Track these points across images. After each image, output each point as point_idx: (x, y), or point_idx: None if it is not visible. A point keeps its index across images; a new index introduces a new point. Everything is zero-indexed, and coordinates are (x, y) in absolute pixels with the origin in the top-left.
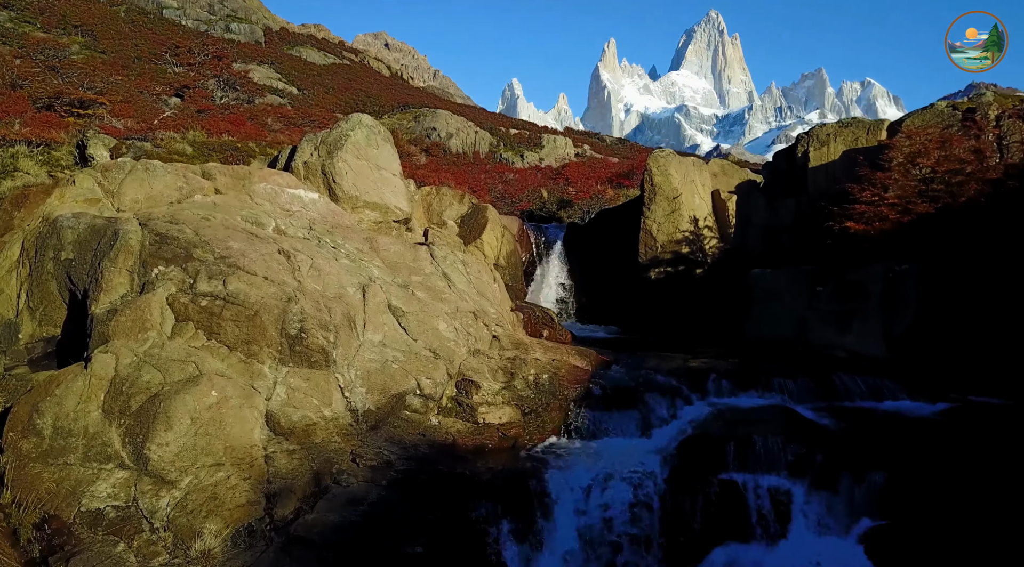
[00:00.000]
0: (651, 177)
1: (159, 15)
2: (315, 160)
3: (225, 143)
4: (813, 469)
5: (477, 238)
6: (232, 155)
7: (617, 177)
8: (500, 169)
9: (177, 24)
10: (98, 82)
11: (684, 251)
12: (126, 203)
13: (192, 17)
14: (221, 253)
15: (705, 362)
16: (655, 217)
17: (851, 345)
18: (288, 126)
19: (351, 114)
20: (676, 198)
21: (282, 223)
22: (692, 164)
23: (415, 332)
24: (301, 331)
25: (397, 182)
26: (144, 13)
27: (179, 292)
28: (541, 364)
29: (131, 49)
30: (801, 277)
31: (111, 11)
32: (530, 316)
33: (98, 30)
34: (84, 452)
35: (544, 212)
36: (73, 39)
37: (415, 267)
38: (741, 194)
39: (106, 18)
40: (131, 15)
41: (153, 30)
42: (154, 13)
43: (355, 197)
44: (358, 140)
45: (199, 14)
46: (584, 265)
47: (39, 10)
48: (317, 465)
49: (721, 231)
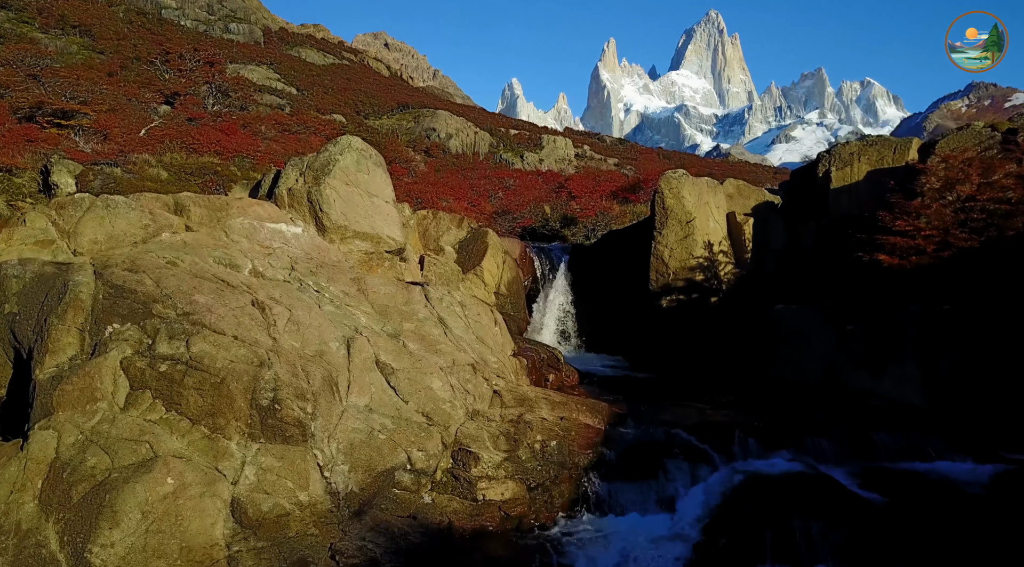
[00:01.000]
0: (663, 200)
1: (158, 15)
2: (300, 187)
3: (205, 166)
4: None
5: (477, 265)
6: (212, 180)
7: (623, 191)
8: (500, 174)
9: (176, 24)
10: (82, 91)
11: (698, 278)
12: (84, 245)
13: (191, 17)
14: (185, 309)
15: (727, 414)
16: (667, 242)
17: (886, 391)
18: (283, 133)
19: (339, 137)
20: (689, 222)
21: (260, 264)
22: (706, 185)
23: (406, 392)
24: (274, 402)
25: (390, 210)
26: (142, 13)
27: (135, 355)
28: (548, 426)
29: (129, 49)
30: (830, 316)
31: (109, 11)
32: (534, 361)
33: (96, 30)
34: (15, 554)
35: (547, 230)
36: (71, 39)
37: (408, 311)
38: (758, 217)
39: (104, 18)
40: (129, 15)
41: (151, 30)
42: (152, 13)
43: (344, 227)
44: (347, 165)
45: (198, 14)
46: (590, 290)
47: (37, 10)
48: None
49: (737, 256)
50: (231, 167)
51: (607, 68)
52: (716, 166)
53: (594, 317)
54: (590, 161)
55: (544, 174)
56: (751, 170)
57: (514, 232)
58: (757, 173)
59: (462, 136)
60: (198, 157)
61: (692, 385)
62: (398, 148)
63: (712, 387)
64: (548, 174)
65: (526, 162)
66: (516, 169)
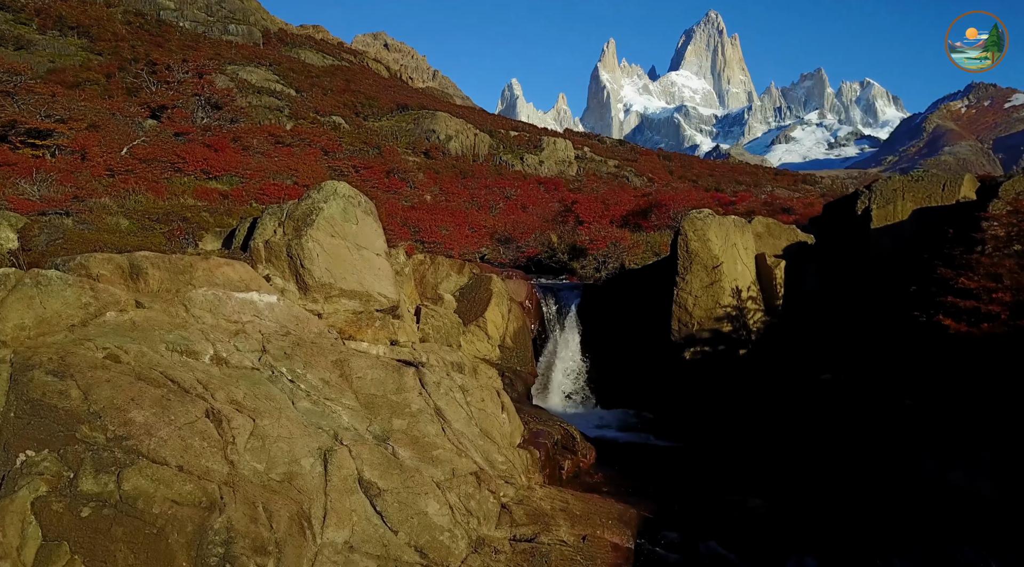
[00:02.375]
0: (686, 242)
1: (156, 16)
2: (279, 239)
3: (172, 211)
4: None
5: (480, 316)
6: (180, 228)
7: (634, 216)
8: (501, 183)
9: (174, 26)
10: (58, 109)
11: (725, 329)
12: (7, 332)
13: (189, 19)
14: (118, 431)
15: (777, 516)
16: (691, 289)
17: (957, 481)
18: (276, 146)
19: (324, 182)
20: (716, 267)
21: (224, 347)
22: (733, 225)
23: (396, 520)
24: (225, 560)
25: (381, 263)
26: (141, 14)
27: (52, 494)
28: (568, 555)
29: (127, 51)
30: (885, 389)
31: (107, 12)
32: (547, 449)
33: (94, 31)
34: None
35: (554, 261)
36: (69, 40)
37: (399, 402)
38: (790, 259)
39: (102, 19)
40: (128, 16)
41: (150, 31)
42: (151, 14)
43: (328, 285)
44: (332, 215)
45: (196, 15)
46: (604, 336)
47: (35, 11)
48: None
49: (767, 302)
50: (202, 212)
51: (607, 68)
52: (717, 167)
53: (609, 367)
54: (590, 163)
55: (546, 182)
56: (752, 172)
57: (519, 262)
58: (758, 175)
59: (462, 138)
60: (165, 200)
61: (727, 463)
62: (397, 157)
63: (751, 468)
64: (550, 182)
65: (526, 164)
66: (516, 171)
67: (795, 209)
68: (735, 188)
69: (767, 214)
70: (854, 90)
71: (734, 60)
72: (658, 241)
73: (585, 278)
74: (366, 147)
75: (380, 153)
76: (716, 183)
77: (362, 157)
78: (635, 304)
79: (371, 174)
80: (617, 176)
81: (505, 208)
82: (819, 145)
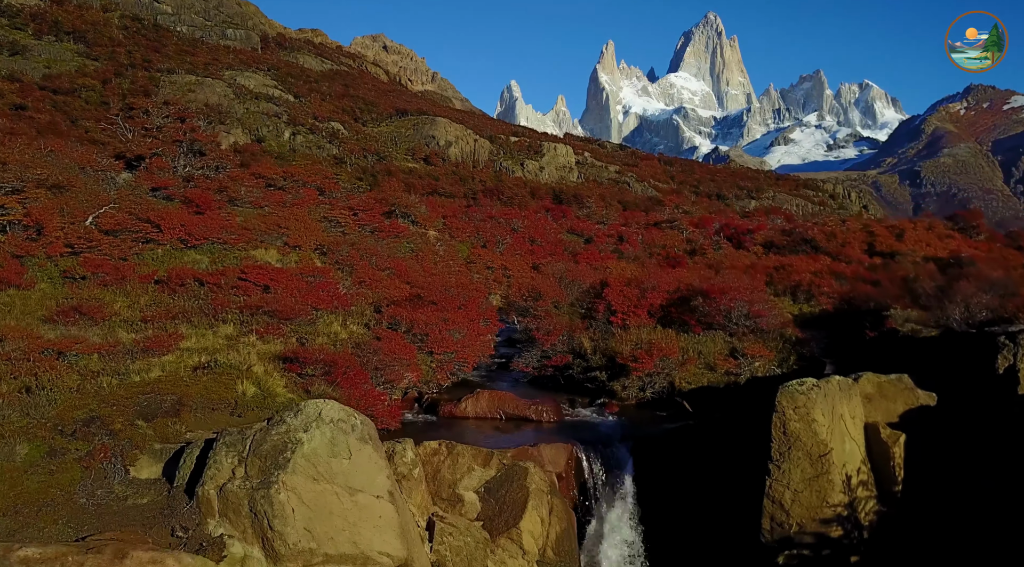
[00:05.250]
0: (784, 423)
1: (153, 21)
2: (239, 487)
3: (97, 415)
4: None
5: (513, 527)
6: (104, 446)
7: (677, 308)
8: (507, 214)
9: (172, 31)
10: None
11: (834, 534)
12: None
13: (187, 23)
14: None
15: None
16: (788, 481)
17: None
18: (267, 190)
19: (305, 402)
20: (824, 456)
21: None
22: (838, 390)
23: None
24: None
25: (383, 509)
26: (138, 19)
27: None
28: None
29: (124, 56)
30: None
31: (104, 17)
32: None
33: (91, 36)
34: None
35: (587, 376)
36: (65, 46)
37: None
38: (911, 429)
39: (99, 24)
40: (124, 21)
41: (147, 36)
42: (148, 19)
43: (309, 551)
44: (315, 450)
45: (194, 20)
46: (664, 513)
47: (31, 16)
48: None
49: (881, 485)
50: (136, 423)
51: (606, 70)
52: (718, 172)
53: (673, 558)
54: (591, 169)
55: (553, 209)
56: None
57: (544, 372)
58: (759, 179)
59: (461, 144)
60: (81, 409)
61: None
62: (399, 195)
63: None
64: (557, 209)
65: (526, 170)
66: (516, 177)
67: (819, 243)
68: (736, 193)
69: (788, 245)
70: (853, 92)
71: (733, 62)
72: (711, 350)
73: (626, 400)
74: (366, 153)
75: (380, 159)
76: (717, 188)
77: (359, 195)
78: (706, 477)
79: (370, 218)
80: (618, 182)
81: (512, 243)
82: (818, 147)
